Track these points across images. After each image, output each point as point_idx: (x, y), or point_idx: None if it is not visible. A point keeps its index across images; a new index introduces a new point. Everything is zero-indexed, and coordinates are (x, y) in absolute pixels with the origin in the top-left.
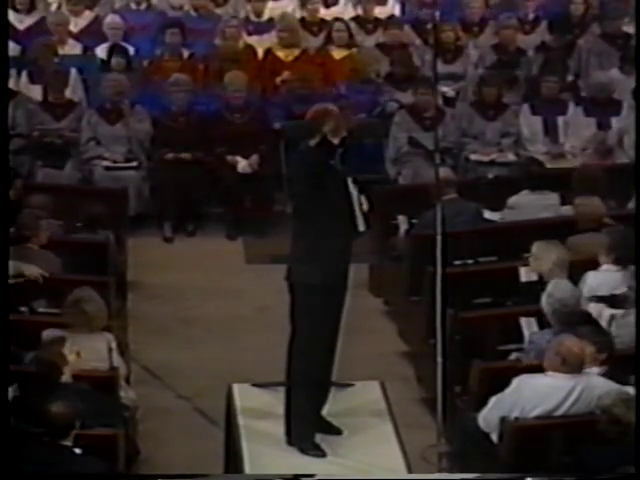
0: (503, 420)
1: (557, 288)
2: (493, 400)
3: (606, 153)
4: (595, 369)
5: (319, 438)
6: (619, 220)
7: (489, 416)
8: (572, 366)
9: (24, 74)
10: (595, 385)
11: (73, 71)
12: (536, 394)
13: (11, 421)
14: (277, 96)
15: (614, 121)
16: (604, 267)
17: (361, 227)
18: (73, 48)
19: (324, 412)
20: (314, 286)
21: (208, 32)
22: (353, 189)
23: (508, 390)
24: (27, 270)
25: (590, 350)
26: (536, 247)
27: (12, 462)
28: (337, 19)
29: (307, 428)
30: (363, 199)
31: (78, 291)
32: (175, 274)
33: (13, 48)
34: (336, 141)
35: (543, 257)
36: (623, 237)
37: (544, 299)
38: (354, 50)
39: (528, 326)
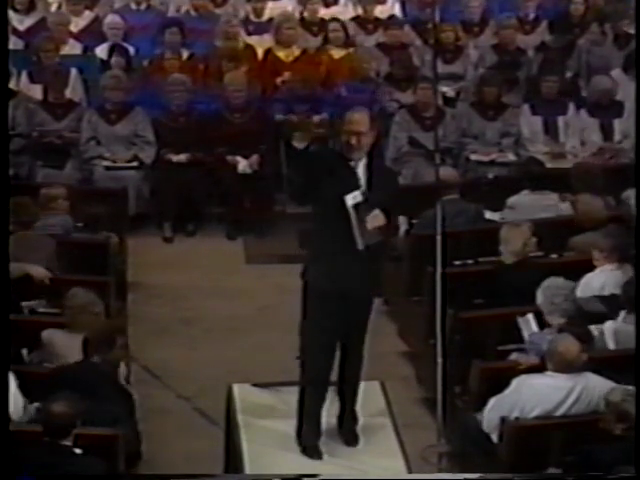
0: (503, 420)
1: (552, 281)
2: (493, 401)
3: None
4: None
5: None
6: (618, 220)
7: (489, 417)
8: (571, 366)
9: (24, 74)
10: (595, 385)
11: (73, 71)
12: (536, 394)
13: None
14: (278, 93)
15: (616, 123)
16: (604, 268)
17: (360, 245)
18: (73, 48)
19: (324, 412)
20: (311, 286)
21: (208, 32)
22: (351, 206)
23: (507, 391)
24: (34, 271)
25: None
26: (503, 231)
27: (12, 462)
28: (333, 19)
29: (313, 428)
30: (372, 215)
31: (80, 293)
32: (175, 274)
33: (15, 42)
34: (300, 146)
35: (510, 239)
36: (623, 237)
37: (540, 293)
38: (352, 49)
39: (526, 324)
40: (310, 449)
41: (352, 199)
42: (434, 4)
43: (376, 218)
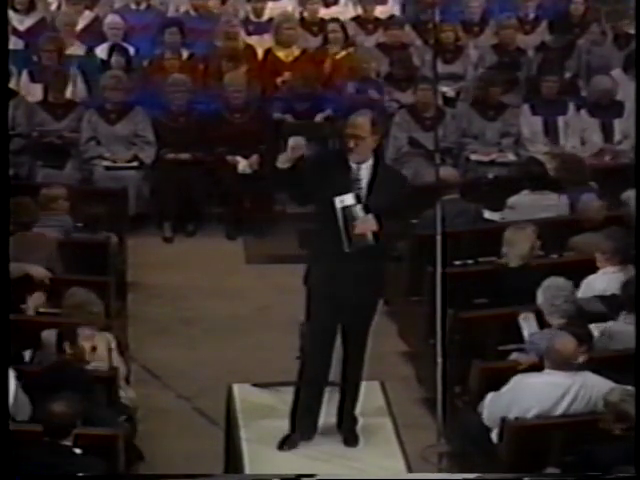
0: (503, 420)
1: (552, 281)
2: (490, 396)
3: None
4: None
5: (318, 438)
6: (619, 221)
7: (489, 412)
8: (568, 364)
9: (25, 73)
10: (593, 383)
11: (76, 71)
12: (533, 392)
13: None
14: (279, 92)
15: (617, 123)
16: (606, 270)
17: (346, 248)
18: (77, 49)
19: (324, 412)
20: (312, 287)
21: (208, 32)
22: (340, 208)
23: (505, 389)
24: (34, 271)
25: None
26: (508, 234)
27: (12, 462)
28: (332, 20)
29: (304, 426)
30: (363, 218)
31: (78, 293)
32: (175, 274)
33: (15, 42)
34: (284, 166)
35: (517, 242)
36: (625, 239)
37: (540, 293)
38: (352, 49)
39: (527, 323)
40: (290, 442)
41: (341, 202)
42: (434, 4)
43: (366, 223)
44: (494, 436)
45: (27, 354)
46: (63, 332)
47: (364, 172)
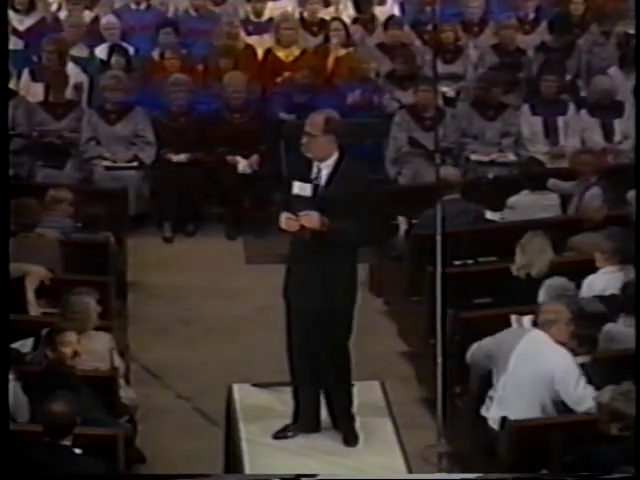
0: (503, 420)
1: (554, 281)
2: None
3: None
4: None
5: (319, 438)
6: (619, 220)
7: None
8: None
9: (26, 72)
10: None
11: (78, 71)
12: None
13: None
14: (280, 87)
15: (617, 123)
16: (606, 269)
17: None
18: (80, 50)
19: (323, 412)
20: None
21: (208, 32)
22: (295, 194)
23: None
24: (35, 271)
25: (572, 344)
26: (534, 243)
27: (12, 462)
28: (334, 19)
29: (303, 422)
30: (305, 213)
31: (71, 299)
32: (175, 274)
33: (15, 42)
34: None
35: (545, 249)
36: (624, 239)
37: (542, 292)
38: (352, 49)
39: (519, 324)
40: (289, 430)
41: (298, 188)
42: (434, 4)
43: (306, 218)
44: (493, 424)
45: (28, 343)
46: (45, 336)
47: (324, 171)
